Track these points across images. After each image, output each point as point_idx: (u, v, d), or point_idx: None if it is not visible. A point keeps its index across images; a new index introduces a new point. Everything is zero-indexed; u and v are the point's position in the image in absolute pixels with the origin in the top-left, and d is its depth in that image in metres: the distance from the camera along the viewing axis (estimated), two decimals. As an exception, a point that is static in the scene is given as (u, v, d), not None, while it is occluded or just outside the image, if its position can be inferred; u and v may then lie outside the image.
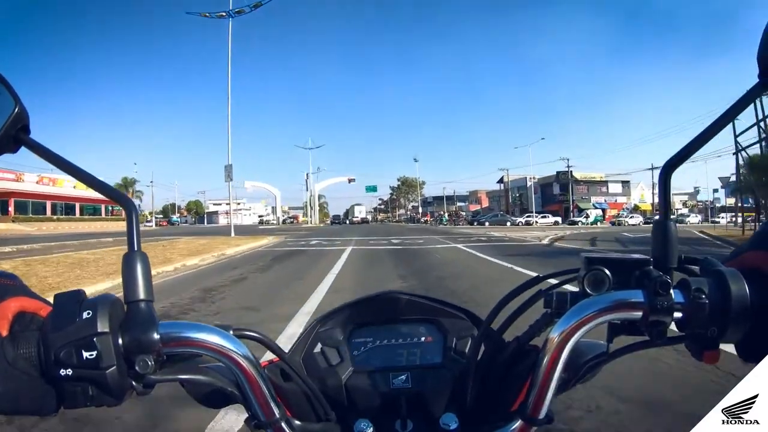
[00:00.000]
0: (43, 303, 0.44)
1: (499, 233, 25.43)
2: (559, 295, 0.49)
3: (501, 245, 15.97)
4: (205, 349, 0.44)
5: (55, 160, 0.45)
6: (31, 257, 11.64)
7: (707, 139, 0.45)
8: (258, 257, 12.90)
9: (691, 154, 0.46)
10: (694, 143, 0.45)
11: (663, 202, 0.47)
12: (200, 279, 8.48)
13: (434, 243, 17.35)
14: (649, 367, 3.15)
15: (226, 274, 9.05)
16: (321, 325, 0.68)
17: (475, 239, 19.56)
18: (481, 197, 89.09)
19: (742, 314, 0.41)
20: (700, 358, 0.44)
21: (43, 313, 0.43)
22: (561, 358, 0.46)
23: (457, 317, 0.68)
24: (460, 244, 16.28)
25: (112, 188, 0.45)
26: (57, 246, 16.58)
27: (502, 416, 0.52)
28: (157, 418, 2.51)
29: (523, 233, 25.52)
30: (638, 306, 0.43)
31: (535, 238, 20.33)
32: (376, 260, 11.60)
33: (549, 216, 54.50)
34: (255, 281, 8.20)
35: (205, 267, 10.77)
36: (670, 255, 0.46)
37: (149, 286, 0.42)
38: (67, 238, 23.02)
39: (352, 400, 0.61)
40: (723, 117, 0.44)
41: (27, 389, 0.39)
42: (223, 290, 7.07)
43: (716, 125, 0.45)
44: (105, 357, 0.39)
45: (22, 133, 0.45)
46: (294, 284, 7.56)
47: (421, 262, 11.00)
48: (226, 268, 10.18)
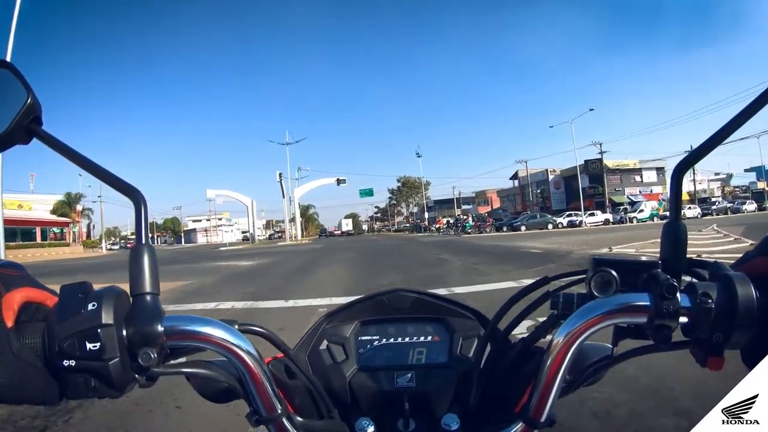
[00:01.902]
0: (50, 293, 0.44)
1: (572, 244, 15.24)
2: (565, 297, 0.49)
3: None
4: (209, 344, 0.44)
5: (67, 152, 0.46)
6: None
7: (721, 141, 0.44)
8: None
9: (704, 156, 0.45)
10: (707, 145, 0.45)
11: (674, 204, 0.46)
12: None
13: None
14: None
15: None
16: (328, 321, 0.68)
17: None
18: (491, 197, 78.68)
19: (749, 320, 0.41)
20: (704, 364, 0.43)
21: (50, 303, 0.43)
22: (565, 361, 0.45)
23: (464, 317, 0.68)
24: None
25: (122, 180, 0.45)
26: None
27: (504, 418, 0.52)
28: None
29: (602, 242, 14.87)
30: (644, 309, 0.43)
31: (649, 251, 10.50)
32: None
33: (598, 213, 43.60)
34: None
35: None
36: (679, 258, 0.45)
37: (156, 279, 0.42)
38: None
39: (356, 398, 0.61)
40: (736, 119, 0.44)
41: (31, 379, 0.39)
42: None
43: (728, 128, 0.44)
44: (108, 349, 0.39)
45: (34, 124, 0.45)
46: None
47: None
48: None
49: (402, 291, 0.69)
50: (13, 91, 0.45)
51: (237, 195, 48.89)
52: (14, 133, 0.45)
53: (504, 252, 14.39)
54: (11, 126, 0.44)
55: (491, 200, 78.45)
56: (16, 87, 0.45)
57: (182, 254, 31.22)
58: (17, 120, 0.44)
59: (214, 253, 28.02)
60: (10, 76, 0.46)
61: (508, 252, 14.31)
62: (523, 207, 62.65)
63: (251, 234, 49.46)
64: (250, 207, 49.34)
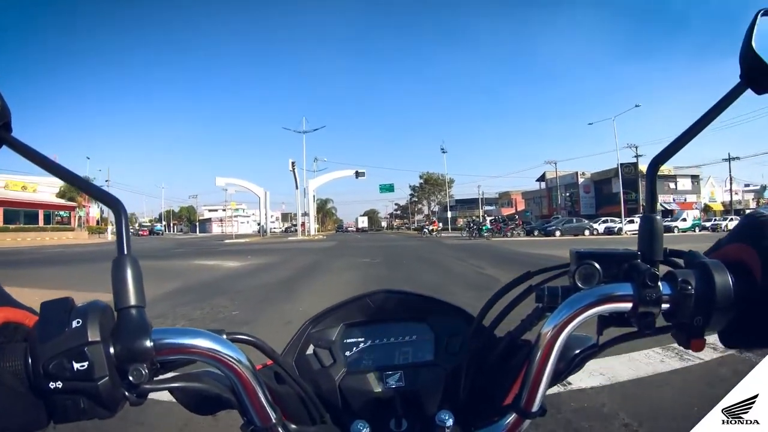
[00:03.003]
0: (29, 312, 0.42)
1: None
2: (550, 290, 0.51)
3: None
4: (199, 356, 0.43)
5: (38, 159, 0.43)
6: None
7: (692, 136, 0.47)
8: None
9: (677, 151, 0.48)
10: (680, 140, 0.47)
11: (650, 196, 0.48)
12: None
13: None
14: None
15: None
16: (313, 326, 0.67)
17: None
18: (515, 199, 74.89)
19: (726, 304, 0.43)
20: (687, 346, 0.45)
21: (29, 322, 0.41)
22: (554, 351, 0.47)
23: (449, 314, 0.68)
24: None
25: (98, 188, 0.44)
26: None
27: (496, 410, 0.53)
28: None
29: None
30: (627, 298, 0.45)
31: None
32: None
33: (636, 220, 39.71)
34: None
35: None
36: (657, 248, 0.47)
37: (141, 291, 0.40)
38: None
39: (347, 401, 0.61)
40: (707, 115, 0.46)
41: (14, 405, 0.37)
42: None
43: (700, 123, 0.46)
44: (97, 368, 0.37)
45: (3, 131, 0.43)
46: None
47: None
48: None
49: (386, 292, 0.69)
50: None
51: (248, 184, 46.34)
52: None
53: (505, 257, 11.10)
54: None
55: (515, 202, 74.74)
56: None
57: (180, 244, 29.03)
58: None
59: (213, 246, 25.67)
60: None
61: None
62: (550, 210, 59.00)
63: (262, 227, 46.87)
64: (263, 198, 46.69)
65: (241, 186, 46.66)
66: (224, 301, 6.88)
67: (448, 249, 19.73)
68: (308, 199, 42.62)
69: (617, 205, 48.10)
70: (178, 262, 14.11)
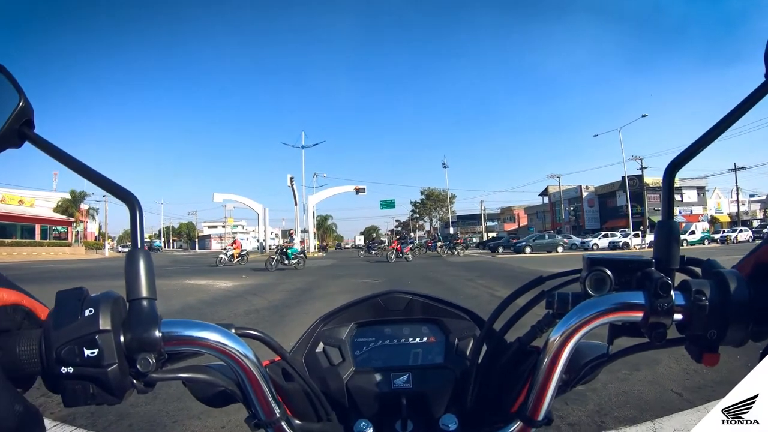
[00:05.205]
0: (40, 303, 0.45)
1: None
2: (560, 296, 0.49)
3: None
4: (207, 348, 0.44)
5: (59, 155, 0.45)
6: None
7: (713, 139, 0.44)
8: None
9: (696, 154, 0.46)
10: (700, 143, 0.45)
11: (667, 202, 0.47)
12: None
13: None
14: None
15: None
16: (324, 324, 0.68)
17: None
18: (517, 214, 74.10)
19: (742, 317, 0.41)
20: (700, 360, 0.44)
21: (41, 313, 0.43)
22: (561, 360, 0.45)
23: (459, 317, 0.68)
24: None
25: (116, 184, 0.44)
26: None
27: (501, 417, 0.52)
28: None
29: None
30: (638, 307, 0.43)
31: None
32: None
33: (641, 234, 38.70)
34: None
35: None
36: (673, 255, 0.45)
37: (152, 284, 0.42)
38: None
39: (353, 400, 0.61)
40: (729, 116, 0.44)
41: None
42: None
43: (722, 125, 0.44)
44: (106, 355, 0.39)
45: (26, 128, 0.45)
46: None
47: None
48: None
49: (396, 292, 0.69)
50: (4, 95, 0.44)
51: (246, 200, 45.40)
52: (6, 137, 0.44)
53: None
54: (3, 130, 0.44)
55: (518, 217, 74.05)
56: (8, 90, 0.44)
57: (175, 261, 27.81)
58: (9, 123, 0.44)
59: (208, 263, 24.63)
60: (2, 79, 0.45)
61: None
62: (553, 225, 58.27)
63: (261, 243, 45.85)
64: (262, 214, 45.75)
65: (240, 202, 45.82)
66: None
67: (452, 268, 18.64)
68: (308, 216, 41.67)
69: (622, 218, 47.39)
70: (167, 282, 13.20)
